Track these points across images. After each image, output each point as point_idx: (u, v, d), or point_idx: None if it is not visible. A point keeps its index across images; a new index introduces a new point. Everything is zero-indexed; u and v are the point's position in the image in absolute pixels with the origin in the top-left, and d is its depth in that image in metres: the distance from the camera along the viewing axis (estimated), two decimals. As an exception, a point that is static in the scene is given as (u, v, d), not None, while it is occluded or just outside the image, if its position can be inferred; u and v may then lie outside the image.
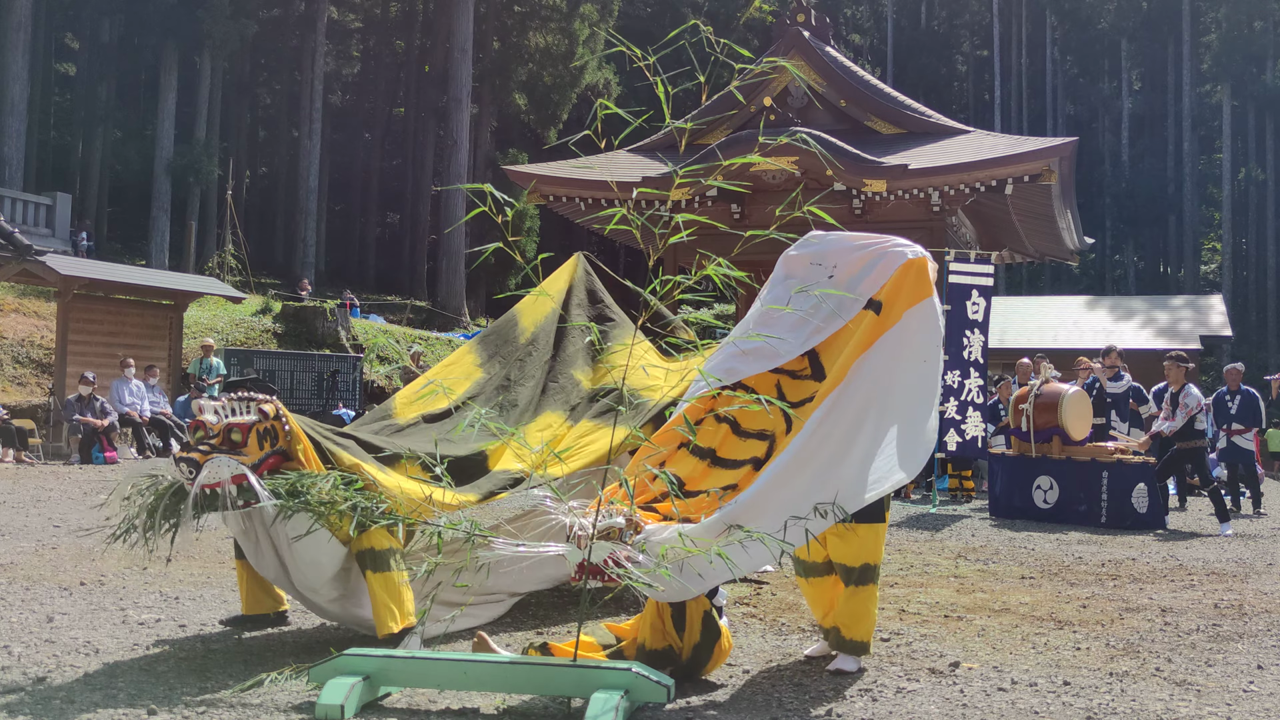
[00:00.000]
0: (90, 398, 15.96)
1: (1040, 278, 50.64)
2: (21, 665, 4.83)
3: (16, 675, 4.66)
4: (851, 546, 5.06)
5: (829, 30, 21.04)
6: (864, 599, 5.09)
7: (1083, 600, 6.98)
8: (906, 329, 4.92)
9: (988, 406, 13.49)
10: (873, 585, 5.11)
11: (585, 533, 4.28)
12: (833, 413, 4.72)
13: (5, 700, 4.31)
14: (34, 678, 4.63)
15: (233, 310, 24.87)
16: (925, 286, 5.00)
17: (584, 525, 4.31)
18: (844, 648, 5.10)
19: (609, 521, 4.33)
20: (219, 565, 7.55)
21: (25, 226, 26.68)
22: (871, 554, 5.10)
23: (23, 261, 16.96)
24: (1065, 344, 21.40)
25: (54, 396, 17.38)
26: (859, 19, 64.27)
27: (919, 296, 4.97)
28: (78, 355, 17.83)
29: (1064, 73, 58.71)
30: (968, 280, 13.11)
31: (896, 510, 12.54)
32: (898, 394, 4.85)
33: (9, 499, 10.24)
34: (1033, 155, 16.89)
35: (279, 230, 44.98)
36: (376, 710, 4.35)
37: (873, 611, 5.13)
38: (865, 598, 5.09)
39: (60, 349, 18.10)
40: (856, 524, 4.93)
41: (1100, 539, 10.28)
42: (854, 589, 5.08)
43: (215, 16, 36.37)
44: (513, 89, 44.87)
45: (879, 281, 5.02)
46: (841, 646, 5.10)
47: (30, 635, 5.37)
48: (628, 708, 4.16)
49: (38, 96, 39.47)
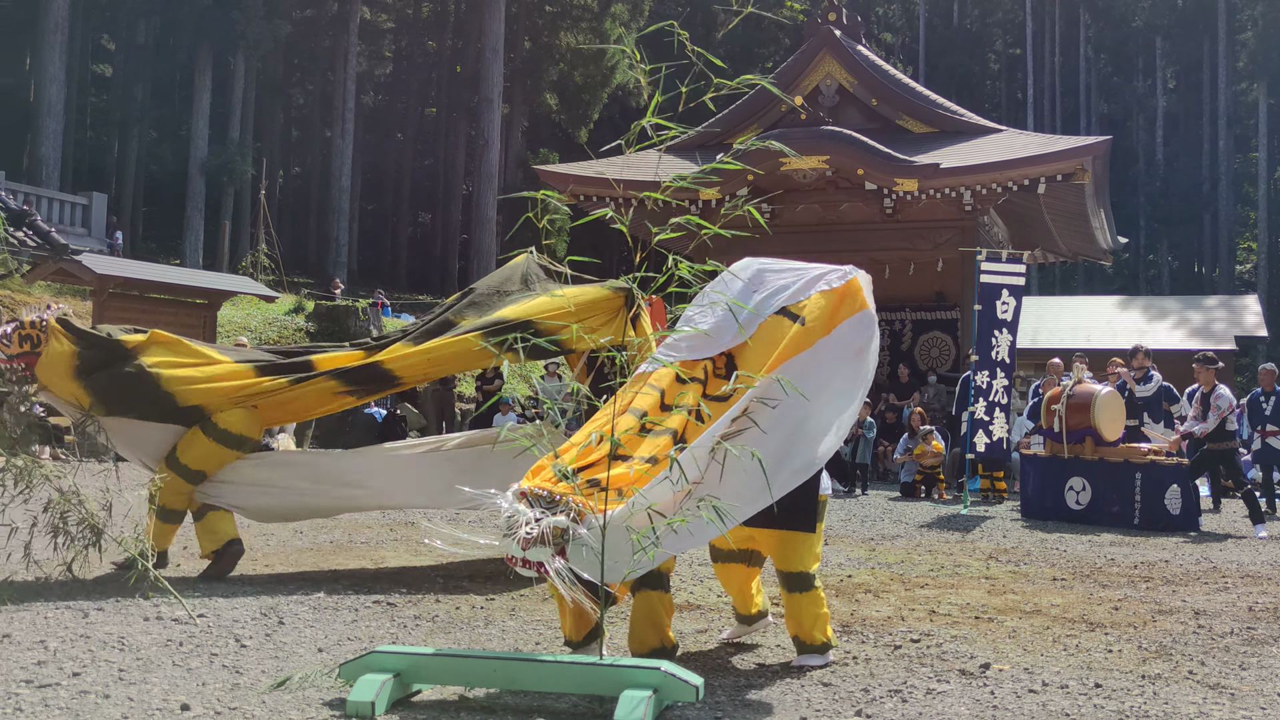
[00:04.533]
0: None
1: (1073, 277, 50.28)
2: (57, 660, 4.88)
3: (52, 670, 4.71)
4: (785, 554, 5.17)
5: (860, 28, 20.99)
6: (806, 604, 5.16)
7: (1115, 602, 6.93)
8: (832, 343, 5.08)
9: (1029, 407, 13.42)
10: (810, 591, 5.17)
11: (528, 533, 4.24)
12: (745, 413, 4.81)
13: (42, 694, 4.36)
14: (70, 672, 4.68)
15: (266, 309, 25.05)
16: (855, 305, 5.17)
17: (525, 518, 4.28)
18: (804, 650, 5.21)
19: (553, 521, 4.29)
20: (252, 562, 7.60)
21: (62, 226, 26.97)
22: (802, 562, 5.17)
23: (59, 261, 17.13)
24: (1098, 344, 21.22)
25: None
26: (890, 17, 64.04)
27: (849, 313, 5.15)
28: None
29: (1097, 71, 58.27)
30: (998, 280, 13.04)
31: (927, 510, 12.50)
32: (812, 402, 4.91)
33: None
34: (1066, 154, 16.78)
35: (312, 230, 45.26)
36: (407, 707, 4.37)
37: (819, 613, 5.19)
38: (807, 603, 5.16)
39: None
40: (789, 532, 5.07)
41: (1133, 540, 10.20)
42: (791, 595, 5.19)
43: (249, 17, 36.64)
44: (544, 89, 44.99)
45: (797, 296, 5.17)
46: (803, 650, 5.22)
47: (66, 630, 5.43)
48: (657, 706, 4.17)
49: (74, 98, 39.89)
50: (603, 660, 4.35)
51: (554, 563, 4.23)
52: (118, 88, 43.33)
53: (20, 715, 4.09)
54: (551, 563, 4.23)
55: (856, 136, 17.23)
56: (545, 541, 4.24)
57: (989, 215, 18.51)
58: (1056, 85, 57.98)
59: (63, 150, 35.62)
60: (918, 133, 19.15)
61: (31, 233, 16.53)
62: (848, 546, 9.30)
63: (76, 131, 41.25)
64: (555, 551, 4.25)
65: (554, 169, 20.65)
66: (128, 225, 37.62)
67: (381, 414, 20.49)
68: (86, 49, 43.34)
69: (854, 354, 5.16)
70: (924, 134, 19.07)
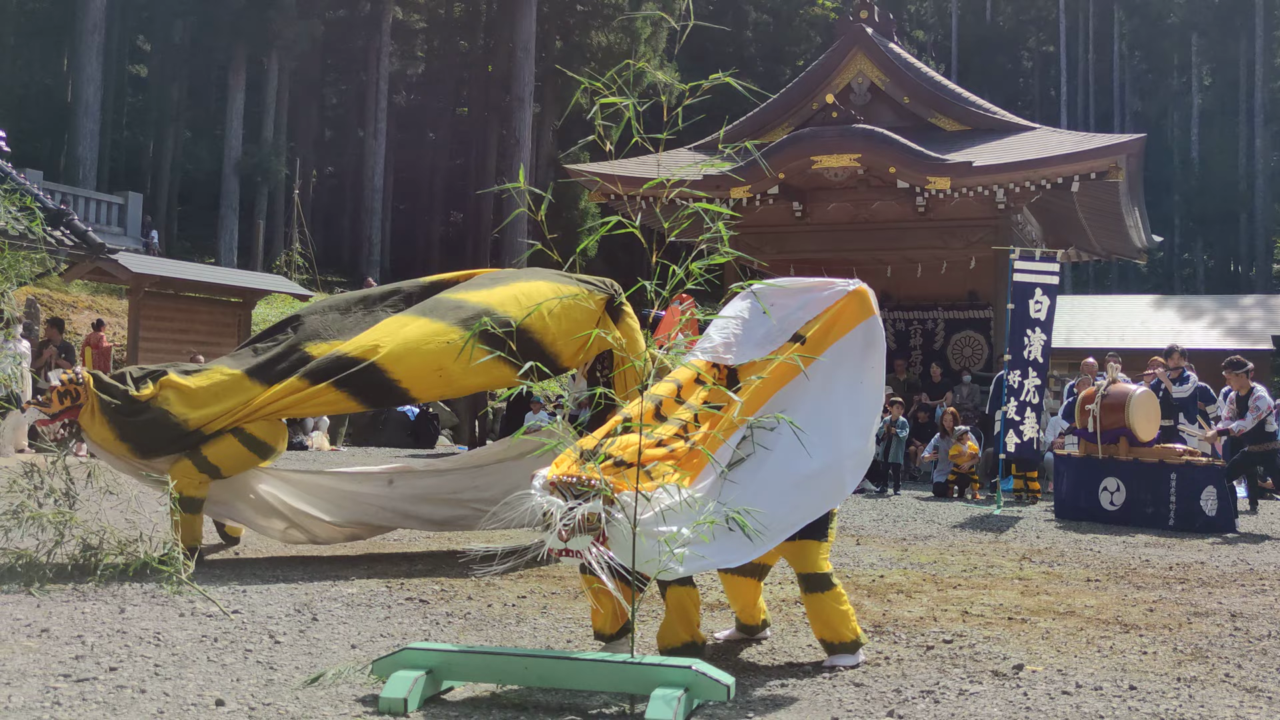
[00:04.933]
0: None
1: (1107, 276, 49.91)
2: (94, 654, 4.94)
3: (90, 664, 4.77)
4: (801, 558, 5.20)
5: (892, 26, 20.91)
6: (829, 602, 5.17)
7: (1150, 604, 6.88)
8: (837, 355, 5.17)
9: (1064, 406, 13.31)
10: (830, 590, 5.18)
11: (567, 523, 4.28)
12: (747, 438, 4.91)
13: (79, 688, 4.41)
14: (106, 667, 4.73)
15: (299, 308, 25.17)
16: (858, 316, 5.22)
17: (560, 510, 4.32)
18: (834, 651, 5.20)
19: (588, 508, 4.33)
20: (286, 558, 7.66)
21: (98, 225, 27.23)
22: (813, 565, 5.18)
23: (96, 260, 17.30)
24: (1133, 344, 21.07)
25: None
26: (923, 15, 63.75)
27: (849, 327, 5.21)
28: (149, 351, 18.18)
29: (1132, 68, 57.79)
30: (1031, 279, 12.94)
31: (960, 511, 12.44)
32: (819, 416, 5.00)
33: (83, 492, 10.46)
34: (1100, 152, 16.66)
35: (345, 229, 45.48)
36: (439, 704, 4.39)
37: (843, 610, 5.19)
38: (830, 600, 5.17)
39: (132, 345, 18.46)
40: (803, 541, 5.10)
41: (1168, 542, 10.12)
42: (812, 596, 5.20)
43: (283, 18, 36.84)
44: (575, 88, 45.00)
45: (805, 317, 5.24)
46: (832, 650, 5.20)
47: (103, 625, 5.48)
48: (688, 705, 4.18)
49: (111, 98, 40.26)
50: (634, 659, 4.35)
51: (594, 550, 4.27)
52: (153, 88, 43.69)
53: (59, 709, 4.14)
54: (591, 551, 4.27)
55: (888, 134, 17.16)
56: (583, 529, 4.29)
57: (1022, 214, 18.40)
58: (1090, 83, 57.53)
59: (99, 150, 35.94)
60: (950, 131, 19.05)
61: (68, 232, 16.68)
62: (880, 546, 9.27)
63: (113, 131, 41.63)
64: (595, 538, 4.29)
65: (584, 168, 20.68)
66: (163, 224, 37.93)
67: (414, 412, 20.59)
68: (123, 50, 43.73)
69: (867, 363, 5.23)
70: (957, 132, 18.98)
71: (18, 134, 31.53)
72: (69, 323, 19.97)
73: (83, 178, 33.19)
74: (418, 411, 20.56)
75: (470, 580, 7.06)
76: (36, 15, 44.62)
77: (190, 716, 4.14)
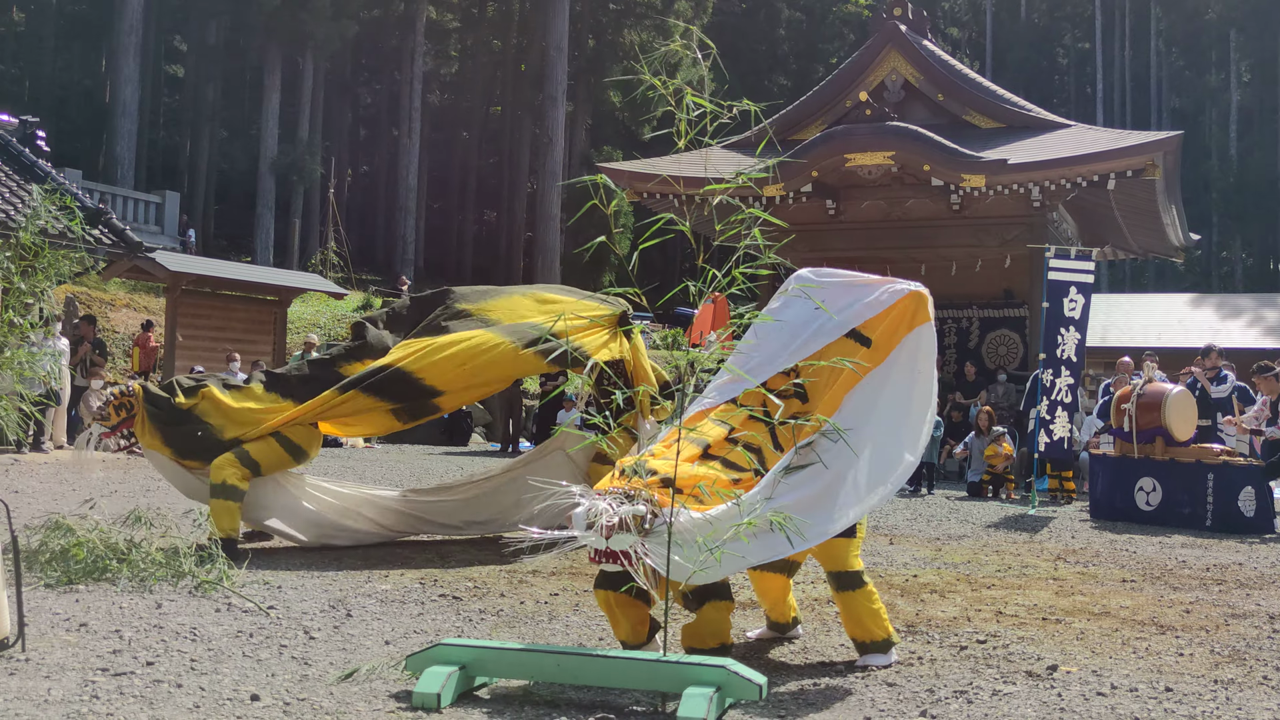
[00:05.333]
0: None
1: (1144, 275, 49.48)
2: (132, 649, 4.99)
3: (127, 659, 4.82)
4: (832, 557, 5.18)
5: (926, 23, 20.81)
6: (861, 600, 5.14)
7: (1186, 605, 6.82)
8: (895, 361, 5.12)
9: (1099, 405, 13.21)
10: (862, 588, 5.16)
11: (609, 521, 4.33)
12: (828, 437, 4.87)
13: (117, 682, 4.46)
14: (144, 661, 4.78)
15: (335, 306, 25.37)
16: (917, 318, 5.17)
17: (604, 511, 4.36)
18: (865, 650, 5.18)
19: (632, 510, 4.36)
20: (320, 555, 7.71)
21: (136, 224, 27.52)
22: (844, 563, 5.17)
23: (133, 258, 17.48)
24: (1169, 343, 20.89)
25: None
26: (957, 12, 63.38)
27: (911, 326, 5.16)
28: (186, 349, 18.35)
29: (1169, 65, 57.21)
30: (1066, 277, 12.86)
31: (994, 510, 12.38)
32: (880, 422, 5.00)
33: (120, 489, 10.57)
34: (1136, 150, 16.54)
35: (379, 227, 45.73)
36: (472, 700, 4.41)
37: (874, 608, 5.17)
38: (861, 599, 5.14)
39: (169, 343, 18.63)
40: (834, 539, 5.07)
41: (1205, 543, 10.03)
42: (844, 594, 5.18)
43: (317, 18, 37.05)
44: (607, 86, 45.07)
45: (865, 315, 5.20)
46: (864, 650, 5.18)
47: (140, 620, 5.54)
48: (720, 704, 4.18)
49: (148, 98, 40.65)
50: (666, 657, 4.36)
51: (640, 548, 4.29)
52: (189, 88, 44.06)
53: (97, 702, 4.19)
54: (637, 548, 4.29)
55: (922, 132, 17.09)
56: (628, 528, 4.31)
57: (1058, 211, 18.28)
58: (1127, 80, 57.02)
59: (137, 149, 36.32)
60: (985, 128, 18.96)
61: (107, 230, 16.86)
62: (913, 546, 9.23)
63: (150, 131, 42.02)
64: (640, 536, 4.32)
65: (617, 166, 20.69)
66: (199, 223, 38.28)
67: (447, 410, 20.62)
68: (159, 50, 44.13)
69: (917, 369, 5.19)
70: (991, 129, 18.88)
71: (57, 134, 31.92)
72: (106, 320, 20.17)
73: (121, 177, 33.55)
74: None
75: (503, 578, 7.08)
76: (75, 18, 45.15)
77: (226, 711, 4.17)
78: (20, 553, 5.21)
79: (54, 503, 9.54)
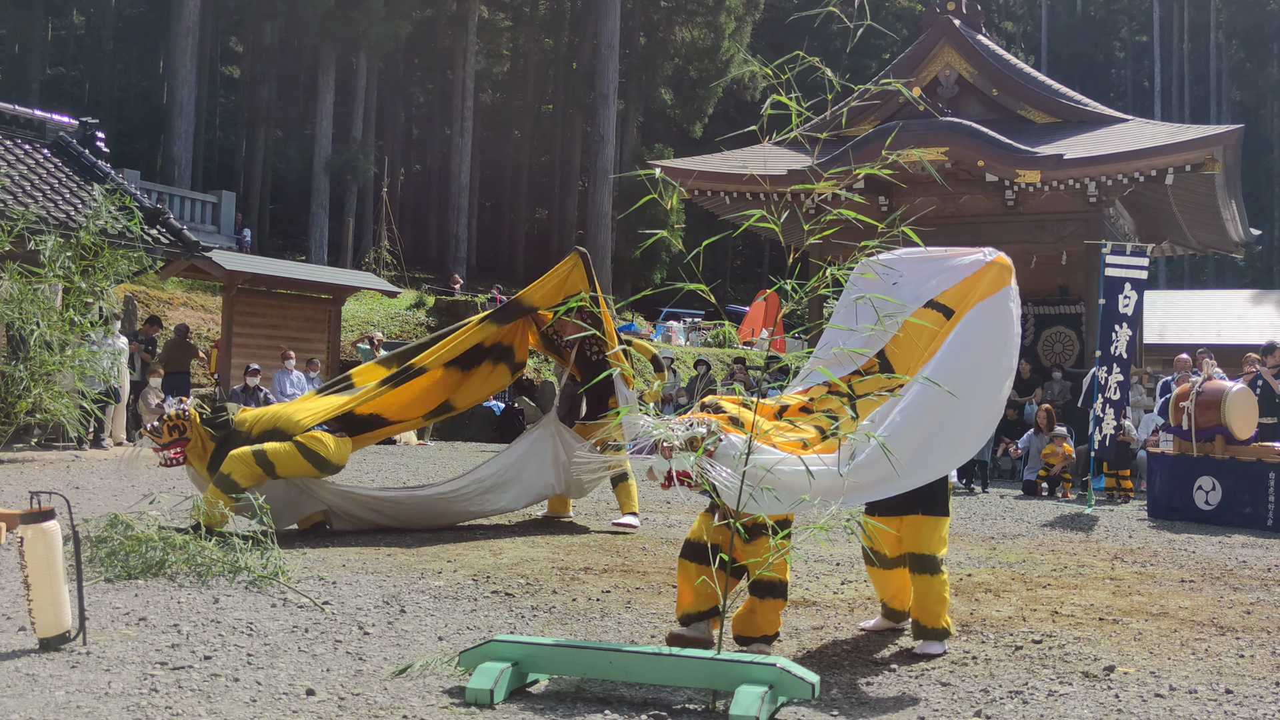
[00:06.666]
0: (255, 388, 16.48)
1: (1203, 271, 48.78)
2: (190, 643, 5.06)
3: (185, 653, 4.88)
4: (919, 538, 5.23)
5: (980, 17, 20.61)
6: (934, 586, 5.20)
7: (1247, 606, 6.71)
8: (971, 324, 5.03)
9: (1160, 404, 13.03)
10: (937, 575, 5.21)
11: (672, 444, 4.41)
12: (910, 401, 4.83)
13: (175, 676, 4.52)
14: (201, 655, 4.85)
15: (388, 304, 25.57)
16: (997, 283, 5.10)
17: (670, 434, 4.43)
18: (925, 635, 5.28)
19: (693, 431, 4.43)
20: (374, 550, 7.78)
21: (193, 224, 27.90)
22: (927, 545, 5.21)
23: (190, 258, 17.71)
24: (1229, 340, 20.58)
25: (219, 387, 18.12)
26: (1012, 6, 62.76)
27: (989, 292, 5.09)
28: (241, 347, 18.57)
29: (1229, 57, 56.31)
30: (1122, 273, 12.68)
31: (1049, 509, 12.25)
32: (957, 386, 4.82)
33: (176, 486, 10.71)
34: (1195, 144, 16.28)
35: (432, 226, 46.01)
36: (524, 697, 4.43)
37: (943, 597, 5.24)
38: (935, 585, 5.21)
39: (225, 341, 18.86)
40: (926, 517, 5.19)
41: (1266, 543, 9.86)
42: (919, 577, 5.25)
43: (370, 18, 37.32)
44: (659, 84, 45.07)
45: (943, 286, 5.24)
46: (923, 635, 5.29)
47: (198, 615, 5.61)
48: (772, 702, 4.17)
49: (204, 99, 41.15)
50: (719, 655, 4.35)
51: (704, 462, 4.33)
52: (245, 89, 44.58)
53: (155, 695, 4.25)
54: (701, 463, 4.33)
55: (976, 127, 16.93)
56: (692, 447, 4.35)
57: (1114, 207, 18.04)
58: (1185, 73, 56.20)
59: (193, 150, 36.76)
60: (1040, 123, 18.75)
61: (165, 230, 17.10)
62: (968, 545, 9.16)
63: (206, 132, 42.54)
64: (705, 453, 4.37)
65: (670, 164, 20.67)
66: (255, 222, 38.70)
67: (499, 407, 20.76)
68: (215, 52, 44.67)
69: (995, 331, 5.05)
70: (1046, 124, 18.67)
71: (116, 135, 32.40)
72: (165, 320, 20.46)
73: (178, 177, 33.98)
74: (503, 406, 20.74)
75: (555, 575, 7.11)
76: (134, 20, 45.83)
77: (282, 705, 4.22)
78: (81, 548, 5.29)
79: (114, 499, 9.70)
